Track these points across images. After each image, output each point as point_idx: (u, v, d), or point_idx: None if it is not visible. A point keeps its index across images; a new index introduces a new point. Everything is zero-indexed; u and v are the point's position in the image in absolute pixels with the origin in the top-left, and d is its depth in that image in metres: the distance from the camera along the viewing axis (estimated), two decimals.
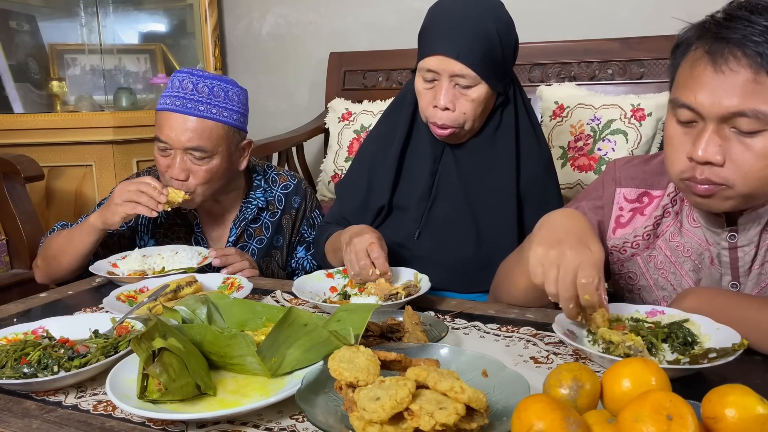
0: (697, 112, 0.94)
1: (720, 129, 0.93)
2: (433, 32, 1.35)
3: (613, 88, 2.34)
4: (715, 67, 0.92)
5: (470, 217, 1.42)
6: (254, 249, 1.65)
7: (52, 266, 1.57)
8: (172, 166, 1.49)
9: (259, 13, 3.08)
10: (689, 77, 0.96)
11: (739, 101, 0.90)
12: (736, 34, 0.90)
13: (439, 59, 1.31)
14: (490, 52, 1.31)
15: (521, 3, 2.56)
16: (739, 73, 0.90)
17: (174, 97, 1.50)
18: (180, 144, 1.47)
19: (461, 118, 1.35)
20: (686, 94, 0.95)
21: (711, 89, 0.92)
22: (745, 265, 1.06)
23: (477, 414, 0.66)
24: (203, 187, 1.52)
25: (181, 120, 1.47)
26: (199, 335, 0.85)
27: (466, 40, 1.30)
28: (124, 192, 1.44)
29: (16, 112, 2.71)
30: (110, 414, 0.80)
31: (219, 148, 1.50)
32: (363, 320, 0.87)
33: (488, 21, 1.32)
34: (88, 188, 2.60)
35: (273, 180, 1.70)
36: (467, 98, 1.33)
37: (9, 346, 0.93)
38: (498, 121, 1.42)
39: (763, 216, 1.03)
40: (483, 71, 1.31)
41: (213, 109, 1.49)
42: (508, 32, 1.35)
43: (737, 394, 0.61)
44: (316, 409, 0.72)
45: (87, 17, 3.02)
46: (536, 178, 1.45)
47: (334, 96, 2.77)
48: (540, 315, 1.13)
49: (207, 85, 1.50)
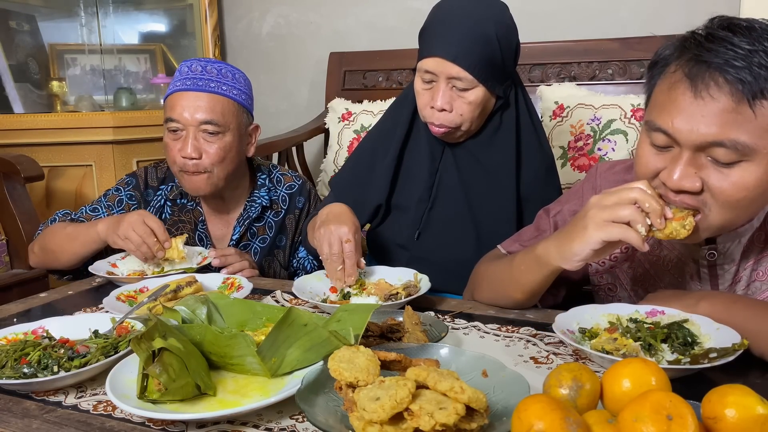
0: (674, 138, 0.90)
1: (696, 157, 0.89)
2: (432, 33, 1.34)
3: (613, 88, 2.34)
4: (694, 92, 0.87)
5: (470, 219, 1.42)
6: (257, 248, 1.65)
7: (50, 258, 1.57)
8: (184, 147, 1.50)
9: (259, 13, 3.08)
10: (667, 100, 0.91)
11: (718, 130, 0.86)
12: (718, 58, 0.86)
13: (437, 61, 1.31)
14: (488, 56, 1.30)
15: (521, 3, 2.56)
16: (719, 100, 0.85)
17: (184, 79, 1.53)
18: (193, 120, 1.49)
19: (458, 120, 1.34)
20: (663, 118, 0.91)
21: (689, 115, 0.87)
22: (726, 282, 1.04)
23: (477, 414, 0.66)
24: (218, 167, 1.53)
25: (193, 97, 1.50)
26: (199, 335, 0.85)
27: (465, 43, 1.29)
28: (131, 231, 1.40)
29: (16, 112, 2.71)
30: (110, 414, 0.80)
31: (230, 124, 1.53)
32: (363, 320, 0.87)
33: (488, 24, 1.31)
34: (88, 188, 2.60)
35: (278, 180, 1.70)
36: (464, 100, 1.33)
37: (9, 346, 0.93)
38: (498, 123, 1.41)
39: (743, 234, 1.01)
40: (480, 75, 1.30)
41: (223, 86, 1.53)
42: (508, 36, 1.34)
43: (737, 394, 0.61)
44: (316, 409, 0.72)
45: (87, 17, 3.02)
46: (537, 180, 1.44)
47: (334, 96, 2.77)
48: (540, 315, 1.13)
49: (215, 67, 1.54)
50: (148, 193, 1.65)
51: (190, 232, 1.64)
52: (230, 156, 1.54)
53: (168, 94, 1.54)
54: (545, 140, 1.49)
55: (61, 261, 1.54)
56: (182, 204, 1.65)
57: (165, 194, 1.65)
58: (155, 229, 1.41)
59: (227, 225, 1.66)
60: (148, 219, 1.42)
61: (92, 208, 1.64)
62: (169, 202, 1.65)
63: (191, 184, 1.54)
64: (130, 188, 1.65)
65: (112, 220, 1.46)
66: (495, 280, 1.17)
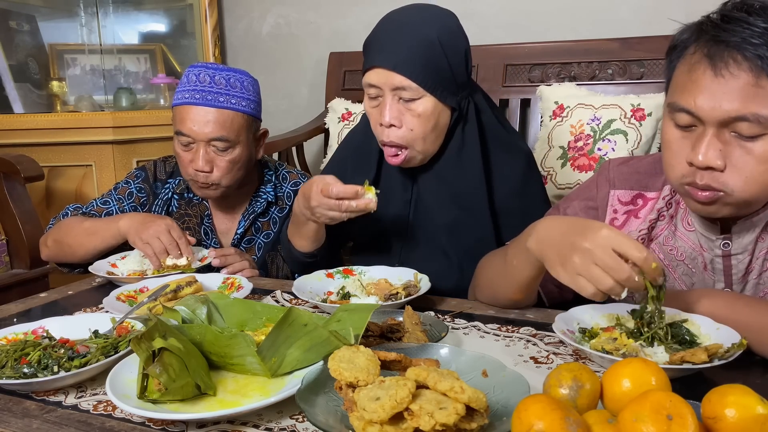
0: (697, 116, 0.92)
1: (720, 133, 0.92)
2: (371, 45, 1.29)
3: (613, 88, 2.34)
4: (714, 70, 0.90)
5: (448, 248, 1.36)
6: (261, 243, 1.67)
7: (65, 252, 1.58)
8: (196, 160, 1.51)
9: (259, 13, 3.08)
10: (688, 81, 0.94)
11: (740, 105, 0.88)
12: (735, 36, 0.89)
13: (378, 72, 1.25)
14: (432, 62, 1.24)
15: (522, 3, 2.58)
16: (740, 77, 0.88)
17: (192, 90, 1.51)
18: (203, 136, 1.49)
19: (409, 136, 1.26)
20: (685, 97, 0.93)
21: (711, 93, 0.90)
22: (739, 273, 1.04)
23: (477, 414, 0.66)
24: (227, 179, 1.55)
25: (203, 112, 1.49)
26: (199, 335, 0.85)
27: (404, 50, 1.23)
28: (155, 238, 1.41)
29: (16, 112, 2.71)
30: (110, 414, 0.80)
31: (240, 137, 1.53)
32: (363, 320, 0.87)
33: (428, 29, 1.25)
34: (88, 188, 2.60)
35: (284, 177, 1.72)
36: (413, 113, 1.25)
37: (9, 346, 0.93)
38: (460, 140, 1.33)
39: (758, 224, 1.01)
40: (426, 82, 1.24)
41: (232, 99, 1.52)
42: (453, 41, 1.27)
43: (737, 394, 0.61)
44: (316, 409, 0.72)
45: (87, 17, 3.02)
46: (514, 193, 1.37)
47: (334, 96, 2.77)
48: (540, 315, 1.13)
49: (223, 77, 1.52)
50: (157, 185, 1.67)
51: (195, 225, 1.65)
52: (238, 166, 1.56)
53: (177, 103, 1.54)
54: (516, 147, 1.40)
55: (78, 255, 1.55)
56: (189, 198, 1.67)
57: (172, 188, 1.67)
58: (179, 240, 1.43)
59: (233, 219, 1.68)
60: (174, 230, 1.44)
61: (103, 201, 1.65)
62: (176, 195, 1.67)
63: (202, 192, 1.58)
64: (140, 181, 1.67)
65: (137, 220, 1.47)
66: (492, 278, 1.17)
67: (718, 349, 0.84)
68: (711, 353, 0.83)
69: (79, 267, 1.61)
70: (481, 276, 1.23)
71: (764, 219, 1.01)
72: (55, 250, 1.61)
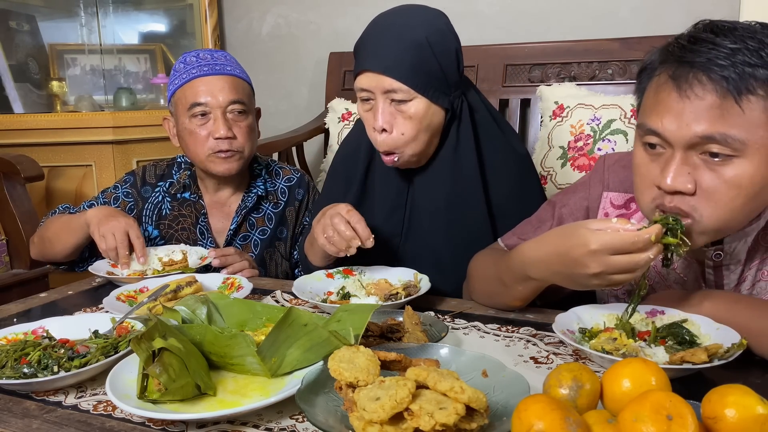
0: (664, 138, 0.91)
1: (688, 156, 0.90)
2: (361, 48, 1.29)
3: (613, 88, 2.34)
4: (679, 92, 0.88)
5: (445, 251, 1.36)
6: (257, 240, 1.67)
7: (47, 248, 1.62)
8: (217, 128, 1.52)
9: (259, 13, 3.08)
10: (655, 102, 0.92)
11: (707, 126, 0.86)
12: (701, 57, 0.87)
13: (368, 76, 1.25)
14: (422, 63, 1.23)
15: (522, 3, 2.57)
16: (705, 98, 0.86)
17: (198, 66, 1.55)
18: (222, 101, 1.53)
19: (400, 140, 1.26)
20: (653, 119, 0.92)
21: (676, 114, 0.88)
22: (731, 283, 1.04)
23: (477, 414, 0.66)
24: (248, 146, 1.59)
25: (215, 80, 1.54)
26: (199, 335, 0.85)
27: (393, 52, 1.23)
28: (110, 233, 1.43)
29: (16, 112, 2.71)
30: (110, 414, 0.80)
31: (251, 106, 1.60)
32: (363, 320, 0.87)
33: (416, 30, 1.25)
34: (88, 188, 2.60)
35: (276, 172, 1.73)
36: (405, 115, 1.25)
37: (9, 346, 0.93)
38: (455, 140, 1.33)
39: (750, 234, 1.00)
40: (416, 84, 1.23)
41: (236, 69, 1.60)
42: (443, 42, 1.27)
43: (737, 394, 0.61)
44: (316, 409, 0.72)
45: (87, 17, 3.02)
46: (511, 194, 1.37)
47: (334, 96, 2.77)
48: (540, 315, 1.13)
49: (221, 54, 1.61)
50: (146, 189, 1.67)
51: (191, 225, 1.66)
52: (253, 136, 1.61)
53: (181, 84, 1.55)
54: (512, 148, 1.40)
55: (56, 249, 1.58)
56: (183, 198, 1.66)
57: (163, 190, 1.67)
58: (135, 241, 1.44)
59: (227, 217, 1.68)
60: (132, 230, 1.44)
61: (89, 204, 1.66)
62: (169, 197, 1.66)
63: (225, 165, 1.56)
64: (128, 186, 1.67)
65: (102, 213, 1.49)
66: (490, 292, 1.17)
67: (718, 349, 0.84)
68: (711, 353, 0.83)
69: (63, 264, 1.63)
70: (475, 281, 1.22)
71: (756, 229, 1.00)
72: (39, 247, 1.65)
